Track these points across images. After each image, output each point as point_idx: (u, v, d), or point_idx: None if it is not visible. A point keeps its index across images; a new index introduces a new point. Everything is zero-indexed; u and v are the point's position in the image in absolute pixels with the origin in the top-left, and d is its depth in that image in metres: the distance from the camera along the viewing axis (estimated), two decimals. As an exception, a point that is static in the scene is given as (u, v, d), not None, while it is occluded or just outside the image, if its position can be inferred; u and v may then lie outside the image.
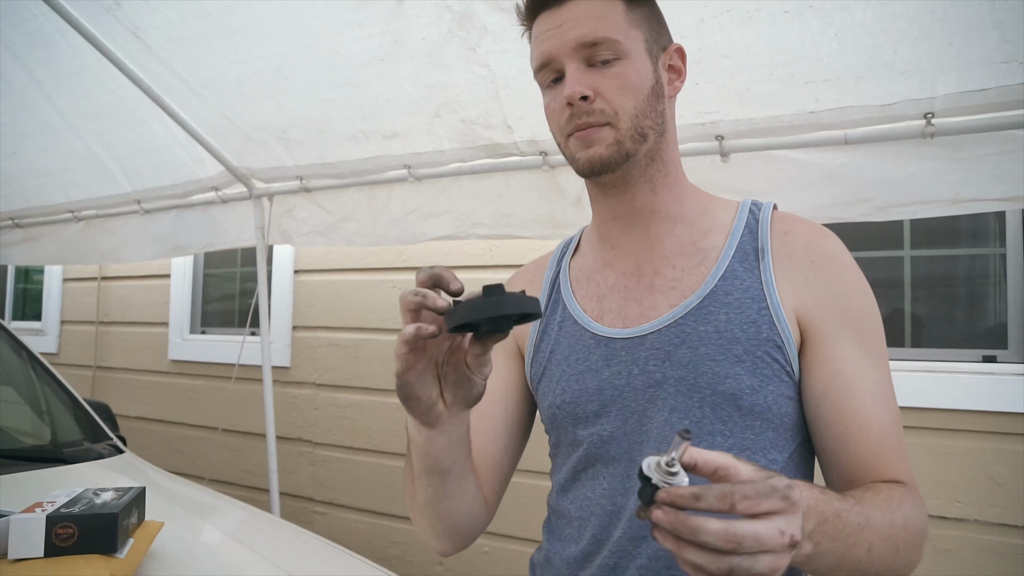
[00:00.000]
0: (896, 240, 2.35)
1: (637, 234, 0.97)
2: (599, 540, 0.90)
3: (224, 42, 2.13)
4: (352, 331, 3.31)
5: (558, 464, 1.00)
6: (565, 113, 0.90)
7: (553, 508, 1.00)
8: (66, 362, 4.44)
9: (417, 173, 2.44)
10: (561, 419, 0.96)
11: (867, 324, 0.89)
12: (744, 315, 0.87)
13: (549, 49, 0.90)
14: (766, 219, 0.94)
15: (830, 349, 0.86)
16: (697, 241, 0.95)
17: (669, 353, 0.88)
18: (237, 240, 3.01)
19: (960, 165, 1.74)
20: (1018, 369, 2.09)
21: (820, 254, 0.90)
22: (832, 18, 1.56)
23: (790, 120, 1.84)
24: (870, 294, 0.91)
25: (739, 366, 0.85)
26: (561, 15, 0.90)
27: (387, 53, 2.00)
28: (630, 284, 0.96)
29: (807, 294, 0.88)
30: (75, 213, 3.42)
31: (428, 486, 0.88)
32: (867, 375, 0.86)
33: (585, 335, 0.96)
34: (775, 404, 0.86)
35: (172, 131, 2.63)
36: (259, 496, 3.33)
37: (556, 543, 0.97)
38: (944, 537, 2.12)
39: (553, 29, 0.90)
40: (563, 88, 0.89)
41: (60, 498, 1.26)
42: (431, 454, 0.84)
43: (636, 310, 0.93)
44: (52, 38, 2.28)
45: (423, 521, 0.94)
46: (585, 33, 0.87)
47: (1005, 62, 1.52)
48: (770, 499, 0.58)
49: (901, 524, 0.76)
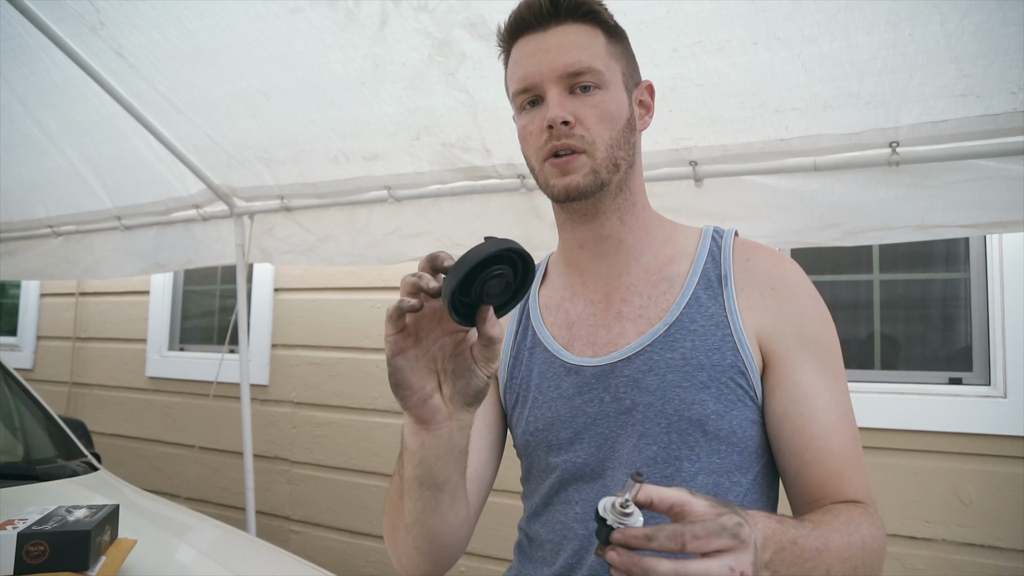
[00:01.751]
0: (865, 264, 2.41)
1: (605, 262, 0.99)
2: (571, 564, 0.91)
3: (208, 62, 2.15)
4: (331, 350, 3.32)
5: (530, 489, 1.01)
6: (543, 136, 0.91)
7: (525, 532, 1.01)
8: (41, 378, 4.39)
9: (397, 194, 2.47)
10: (535, 446, 0.97)
11: (825, 347, 0.91)
12: (709, 342, 0.90)
13: (532, 74, 0.91)
14: (728, 246, 0.97)
15: (790, 371, 0.89)
16: (662, 268, 0.97)
17: (638, 380, 0.90)
18: (217, 258, 3.01)
19: (925, 192, 1.79)
20: (982, 391, 2.14)
21: (781, 281, 0.94)
22: (800, 49, 1.61)
23: (761, 147, 1.89)
24: (828, 318, 0.94)
25: (705, 392, 0.88)
26: (545, 40, 0.91)
27: (369, 76, 2.03)
28: (598, 311, 0.98)
29: (768, 319, 0.91)
30: (54, 228, 3.40)
31: (419, 500, 0.83)
32: (826, 396, 0.89)
33: (556, 363, 0.97)
34: (740, 428, 0.88)
35: (154, 148, 2.64)
36: (236, 514, 3.31)
37: (528, 565, 0.98)
38: (913, 556, 2.15)
39: (538, 54, 0.91)
40: (542, 111, 0.91)
41: (32, 515, 1.26)
42: (425, 463, 0.79)
43: (605, 337, 0.95)
44: (36, 55, 2.29)
45: (406, 540, 0.88)
46: (571, 62, 0.90)
47: (963, 95, 1.58)
48: (720, 538, 0.61)
49: (859, 545, 0.78)
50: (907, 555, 2.16)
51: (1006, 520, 2.06)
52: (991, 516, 2.08)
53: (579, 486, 0.92)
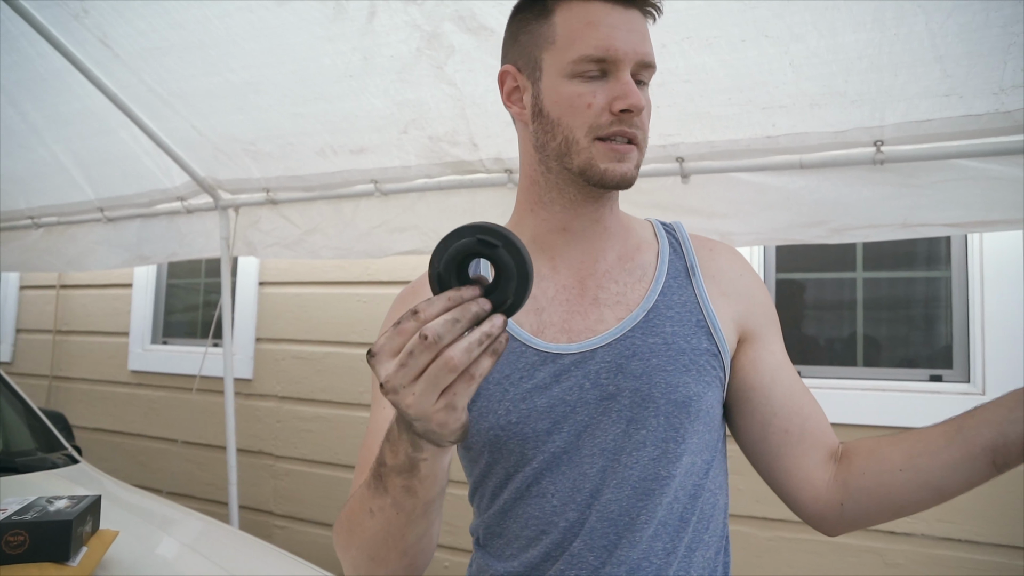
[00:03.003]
0: (849, 262, 2.43)
1: (583, 247, 0.98)
2: (551, 555, 0.89)
3: (196, 54, 2.13)
4: (316, 344, 3.30)
5: (491, 487, 0.95)
6: (605, 116, 0.87)
7: (488, 530, 0.96)
8: (21, 371, 4.34)
9: (384, 188, 2.46)
10: (506, 440, 0.91)
11: (779, 327, 1.02)
12: (686, 327, 0.92)
13: (618, 48, 0.87)
14: (686, 238, 1.02)
15: (768, 345, 0.97)
16: (632, 256, 0.99)
17: (621, 366, 0.90)
18: (202, 251, 2.99)
19: (909, 191, 1.81)
20: (962, 388, 2.16)
21: (743, 271, 1.01)
22: (787, 47, 1.62)
23: (748, 144, 1.90)
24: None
25: (687, 375, 0.89)
26: (629, 19, 0.89)
27: (357, 69, 2.03)
28: (572, 297, 0.96)
29: (743, 303, 0.98)
30: (35, 220, 3.37)
31: (423, 518, 0.78)
32: (790, 367, 0.99)
33: (527, 351, 0.93)
34: (713, 408, 0.93)
35: (139, 140, 2.62)
36: (219, 509, 3.29)
37: (495, 562, 0.94)
38: (893, 551, 2.18)
39: (623, 29, 0.88)
40: (611, 88, 0.87)
41: (12, 505, 1.24)
42: (440, 481, 0.75)
43: (582, 323, 0.94)
44: (18, 43, 2.26)
45: (402, 561, 0.83)
46: (650, 53, 0.90)
47: (947, 95, 1.60)
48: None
49: None
50: (887, 550, 2.18)
51: (985, 515, 2.09)
52: (970, 511, 2.11)
53: (555, 477, 0.90)
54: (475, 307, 0.61)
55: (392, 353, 0.62)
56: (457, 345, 0.60)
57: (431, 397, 0.61)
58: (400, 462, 0.71)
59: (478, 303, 0.61)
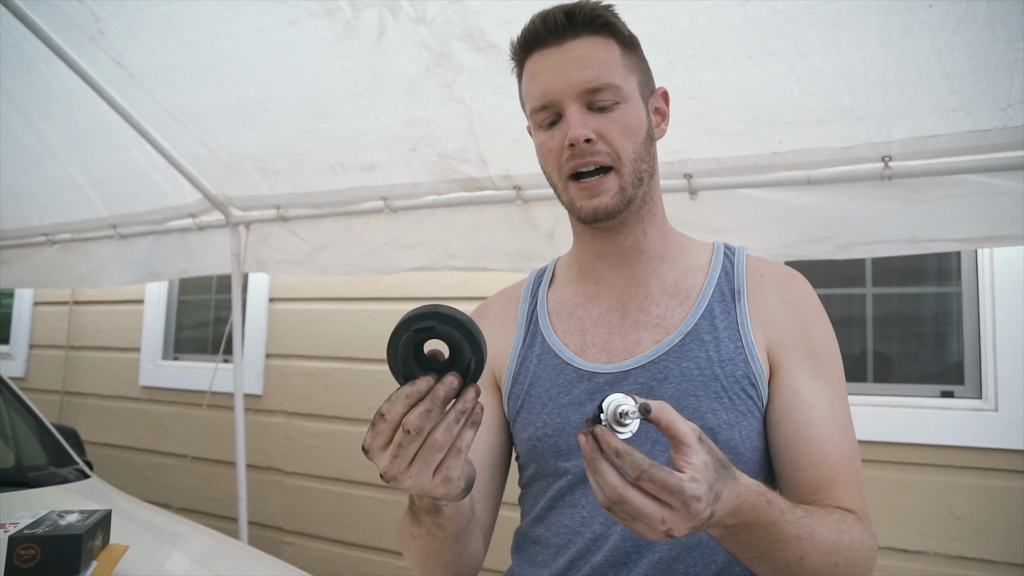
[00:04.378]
0: (858, 278, 2.42)
1: (623, 272, 1.00)
2: (575, 564, 0.92)
3: (207, 72, 2.16)
4: (325, 360, 3.31)
5: (534, 493, 1.01)
6: (564, 154, 0.90)
7: (526, 535, 1.01)
8: (33, 387, 4.37)
9: (393, 205, 2.48)
10: (542, 451, 0.96)
11: (828, 361, 0.93)
12: (722, 353, 0.91)
13: (551, 90, 0.90)
14: (741, 262, 1.00)
15: (791, 380, 0.91)
16: (679, 280, 0.99)
17: (653, 388, 0.91)
18: (212, 267, 3.02)
19: (917, 207, 1.81)
20: (974, 404, 2.15)
21: (791, 297, 0.96)
22: (793, 64, 1.63)
23: (755, 160, 1.91)
24: (832, 336, 0.96)
25: (717, 402, 0.89)
26: (562, 55, 0.90)
27: (366, 87, 2.05)
28: (614, 319, 0.98)
29: (776, 331, 0.93)
30: (49, 236, 3.40)
31: (456, 543, 0.88)
32: (823, 406, 0.90)
33: (566, 369, 0.97)
34: (748, 439, 0.90)
35: (151, 158, 2.65)
36: (228, 525, 3.29)
37: (528, 567, 0.98)
38: (905, 570, 2.15)
39: (555, 69, 0.90)
40: (562, 129, 0.90)
41: (24, 519, 1.25)
42: (462, 517, 0.84)
43: (621, 345, 0.96)
44: (35, 64, 2.30)
45: (447, 572, 0.93)
46: (590, 78, 0.89)
47: (954, 111, 1.60)
48: (670, 496, 0.63)
49: (847, 544, 0.79)
50: (899, 568, 2.16)
51: (998, 533, 2.07)
52: (983, 529, 2.08)
53: (586, 490, 0.93)
54: (442, 390, 0.66)
55: (382, 447, 0.68)
56: (439, 427, 0.66)
57: (427, 475, 0.68)
58: (426, 506, 0.81)
59: (445, 385, 0.66)
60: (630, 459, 0.63)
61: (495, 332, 1.07)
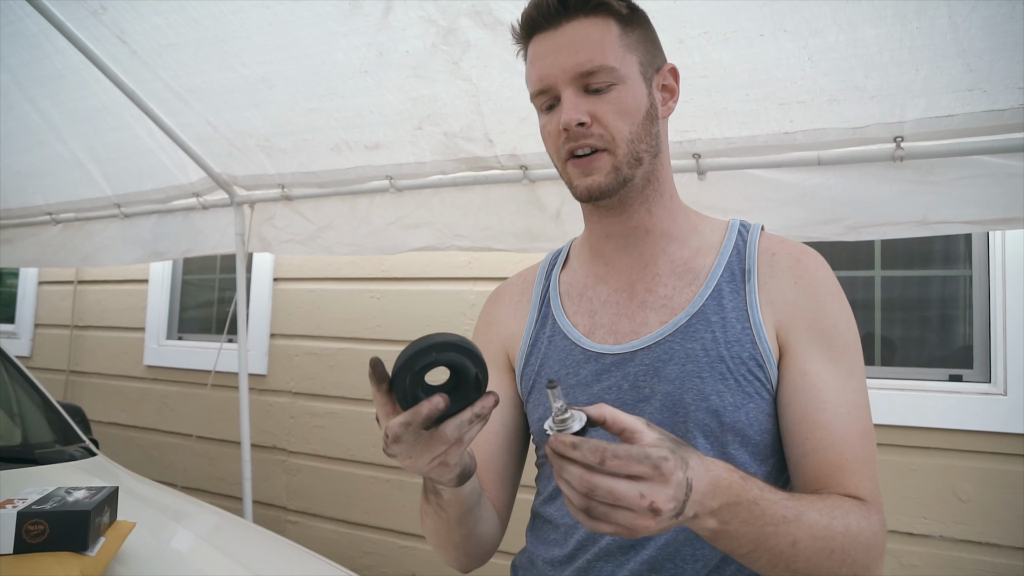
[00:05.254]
0: (868, 260, 2.41)
1: (631, 252, 0.99)
2: (584, 546, 0.92)
3: (211, 49, 2.14)
4: (330, 340, 3.31)
5: (546, 473, 1.02)
6: (560, 137, 0.91)
7: (539, 514, 1.03)
8: (39, 366, 4.38)
9: (399, 184, 2.46)
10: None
11: (840, 340, 0.90)
12: (729, 334, 0.90)
13: (546, 76, 0.91)
14: (754, 241, 0.98)
15: (800, 362, 0.89)
16: (688, 260, 0.98)
17: (657, 369, 0.90)
18: (217, 247, 3.01)
19: (928, 188, 1.79)
20: (982, 388, 2.14)
21: (802, 275, 0.93)
22: (806, 41, 1.60)
23: (765, 140, 1.89)
24: (848, 314, 0.93)
25: (723, 384, 0.88)
26: (557, 39, 0.90)
27: (372, 65, 2.03)
28: (622, 300, 0.98)
29: (785, 311, 0.91)
30: (53, 216, 3.39)
31: (463, 525, 0.91)
32: (834, 389, 0.87)
33: (575, 350, 0.97)
34: (756, 421, 0.89)
35: (155, 136, 2.64)
36: (232, 504, 3.30)
37: (540, 546, 1.00)
38: (910, 553, 2.16)
39: (550, 55, 0.90)
40: (558, 113, 0.91)
41: (32, 495, 1.26)
42: (465, 501, 0.87)
43: (628, 326, 0.96)
44: (36, 40, 2.28)
45: (458, 553, 0.98)
46: (582, 61, 0.89)
47: (970, 90, 1.58)
48: (640, 464, 0.63)
49: (841, 530, 0.77)
50: (904, 551, 2.16)
51: (1004, 518, 2.06)
52: (989, 513, 2.08)
53: None
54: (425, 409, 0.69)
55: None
56: (450, 422, 0.70)
57: (424, 461, 0.73)
58: (428, 487, 0.87)
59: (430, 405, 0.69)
60: (587, 446, 0.64)
61: (511, 314, 1.09)
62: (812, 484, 0.85)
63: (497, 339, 1.09)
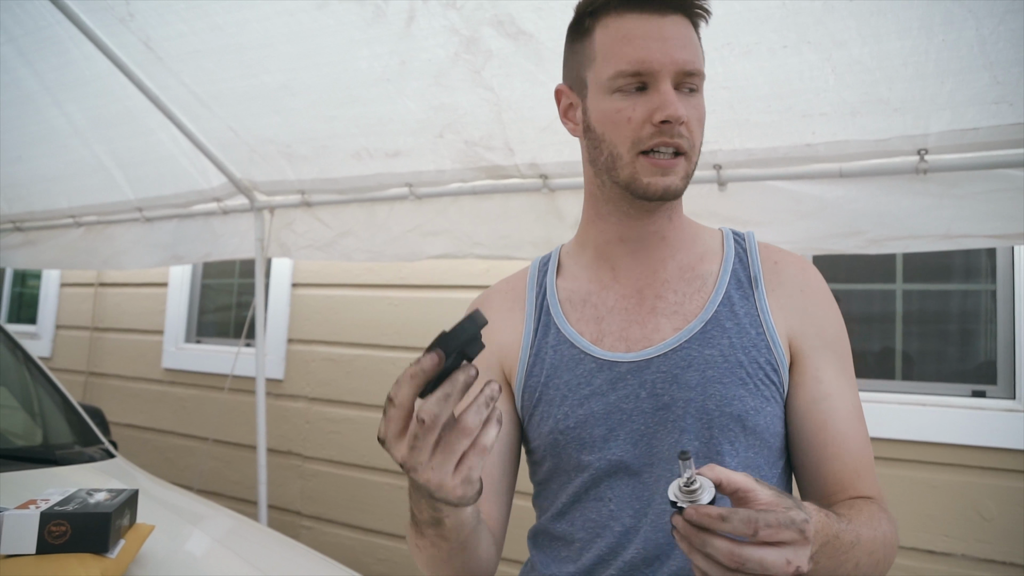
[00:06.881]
0: (889, 274, 2.38)
1: (641, 257, 0.98)
2: (605, 559, 0.90)
3: (234, 56, 2.16)
4: (347, 346, 3.32)
5: (553, 489, 0.98)
6: (647, 128, 0.87)
7: (548, 531, 0.98)
8: (59, 367, 4.43)
9: (418, 192, 2.47)
10: (564, 444, 0.94)
11: (843, 351, 0.95)
12: (744, 340, 0.91)
13: (652, 60, 0.87)
14: (754, 249, 0.99)
15: (814, 371, 0.92)
16: (695, 266, 0.98)
17: (676, 376, 0.90)
18: (236, 251, 3.03)
19: (952, 201, 1.77)
20: (1006, 404, 2.11)
21: (807, 285, 0.97)
22: (829, 54, 1.60)
23: (786, 152, 1.88)
24: (843, 322, 0.98)
25: (743, 388, 0.89)
26: (664, 27, 0.88)
27: (394, 73, 2.04)
28: (631, 306, 0.97)
29: (796, 319, 0.94)
30: (76, 218, 3.44)
31: (463, 552, 0.86)
32: (846, 397, 0.92)
33: (585, 358, 0.95)
34: (772, 425, 0.90)
35: (178, 141, 2.66)
36: (247, 508, 3.32)
37: (551, 564, 0.96)
38: (931, 571, 2.12)
39: (658, 40, 0.87)
40: (649, 100, 0.87)
41: (54, 496, 1.27)
42: (465, 526, 0.81)
43: (639, 333, 0.94)
44: (65, 46, 2.31)
45: None
46: (690, 59, 0.88)
47: (996, 103, 1.56)
48: (788, 531, 0.63)
49: (881, 540, 0.81)
50: (925, 569, 2.13)
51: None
52: (1012, 532, 2.05)
53: (612, 482, 0.91)
54: (462, 376, 0.64)
55: (398, 435, 0.67)
56: (469, 410, 0.65)
57: (448, 468, 0.66)
58: (426, 519, 0.79)
59: (465, 372, 0.64)
60: (737, 517, 0.62)
61: (501, 324, 1.03)
62: (830, 487, 0.89)
63: (491, 348, 1.03)
